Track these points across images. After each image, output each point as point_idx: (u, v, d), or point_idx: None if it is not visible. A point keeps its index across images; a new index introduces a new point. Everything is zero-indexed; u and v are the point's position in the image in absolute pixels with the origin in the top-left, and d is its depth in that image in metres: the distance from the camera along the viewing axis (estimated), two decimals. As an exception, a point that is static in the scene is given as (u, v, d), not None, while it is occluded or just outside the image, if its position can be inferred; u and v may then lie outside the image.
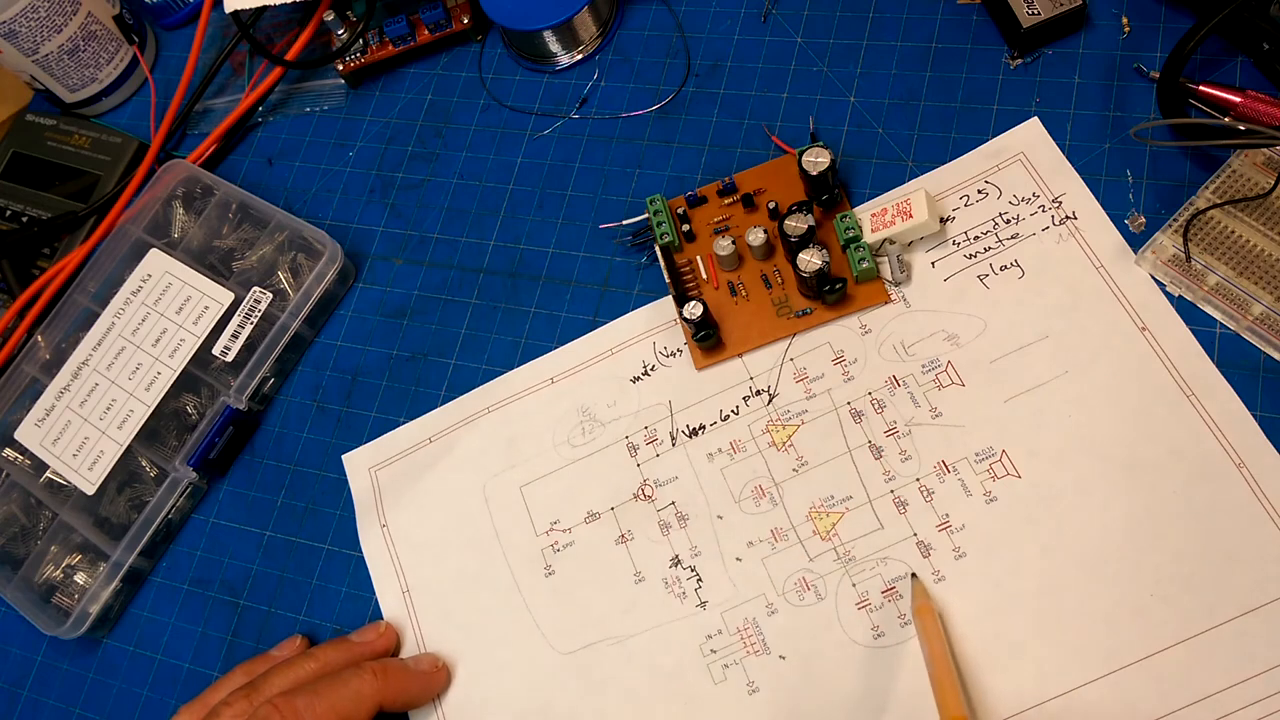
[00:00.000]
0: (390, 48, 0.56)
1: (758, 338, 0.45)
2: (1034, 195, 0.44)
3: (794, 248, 0.43)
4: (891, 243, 0.44)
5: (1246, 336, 0.40)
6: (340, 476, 0.49)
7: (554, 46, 0.54)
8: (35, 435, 0.51)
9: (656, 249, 0.46)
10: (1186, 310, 0.41)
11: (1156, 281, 0.41)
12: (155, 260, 0.53)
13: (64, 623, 0.47)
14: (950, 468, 0.41)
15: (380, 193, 0.54)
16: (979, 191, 0.45)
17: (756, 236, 0.45)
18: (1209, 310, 0.41)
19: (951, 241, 0.44)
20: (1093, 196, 0.43)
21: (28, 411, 0.52)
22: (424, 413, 0.48)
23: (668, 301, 0.47)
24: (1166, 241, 0.41)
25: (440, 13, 0.55)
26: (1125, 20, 0.46)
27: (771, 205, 0.46)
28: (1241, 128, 0.40)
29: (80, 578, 0.49)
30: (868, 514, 0.41)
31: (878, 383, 0.43)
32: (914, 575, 0.40)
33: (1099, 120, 0.45)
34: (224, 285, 0.51)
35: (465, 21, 0.55)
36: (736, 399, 0.45)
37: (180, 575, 0.49)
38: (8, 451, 0.52)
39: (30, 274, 0.56)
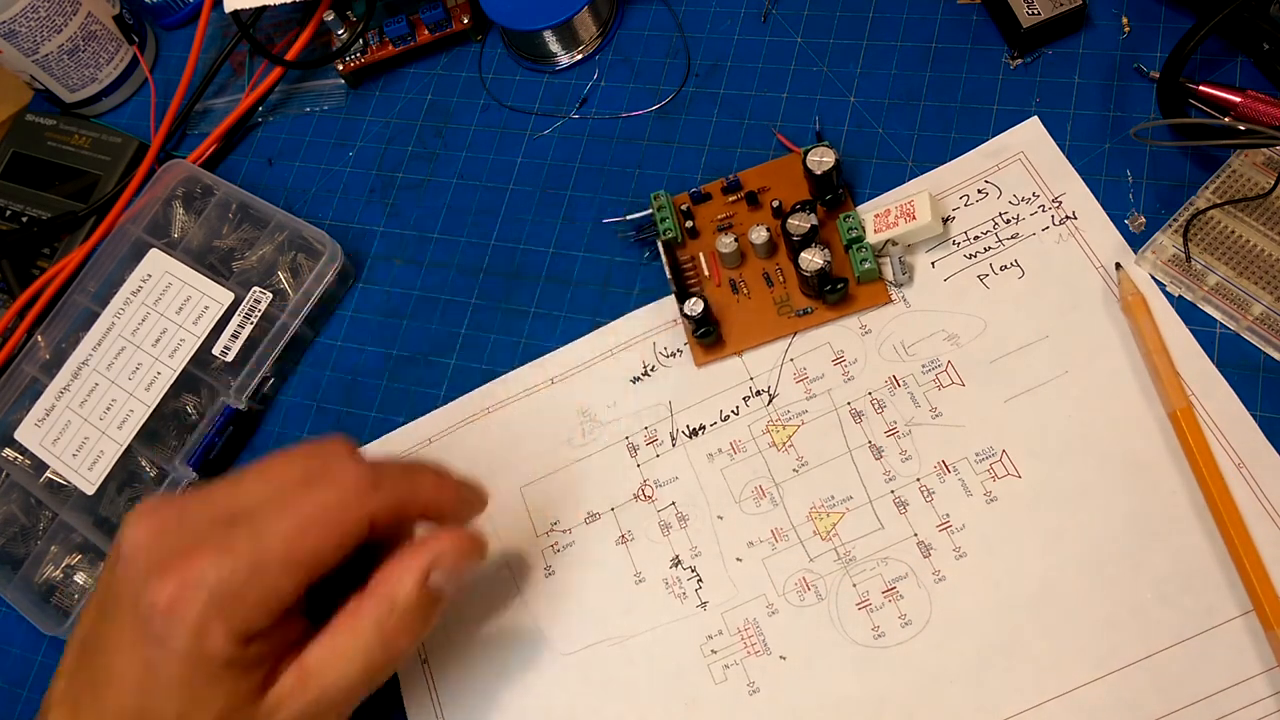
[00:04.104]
0: (390, 48, 0.56)
1: (758, 335, 0.45)
2: (1034, 195, 0.44)
3: (796, 247, 0.43)
4: (894, 244, 0.44)
5: (1246, 336, 0.40)
6: (340, 476, 0.49)
7: (554, 46, 0.54)
8: (35, 435, 0.51)
9: (659, 244, 0.46)
10: (1186, 310, 0.41)
11: (1156, 281, 0.41)
12: (155, 260, 0.53)
13: (64, 623, 0.47)
14: (950, 468, 0.41)
15: (380, 193, 0.54)
16: (979, 191, 0.45)
17: (759, 234, 0.45)
18: (1209, 310, 0.41)
19: (951, 241, 0.44)
20: (1093, 196, 0.43)
21: (28, 411, 0.52)
22: (424, 413, 0.48)
23: (668, 302, 0.47)
24: (1166, 241, 0.41)
25: (440, 13, 0.55)
26: (1125, 20, 0.46)
27: (775, 204, 0.46)
28: (1241, 128, 0.40)
29: (80, 578, 0.49)
30: (868, 514, 0.41)
31: (878, 383, 0.43)
32: (1119, 265, 0.41)
33: (1099, 120, 0.45)
34: (224, 285, 0.51)
35: (465, 21, 0.55)
36: (736, 399, 0.45)
37: (180, 575, 0.49)
38: (8, 451, 0.52)
39: (30, 274, 0.56)
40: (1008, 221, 0.44)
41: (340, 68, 0.57)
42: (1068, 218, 0.43)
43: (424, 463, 0.39)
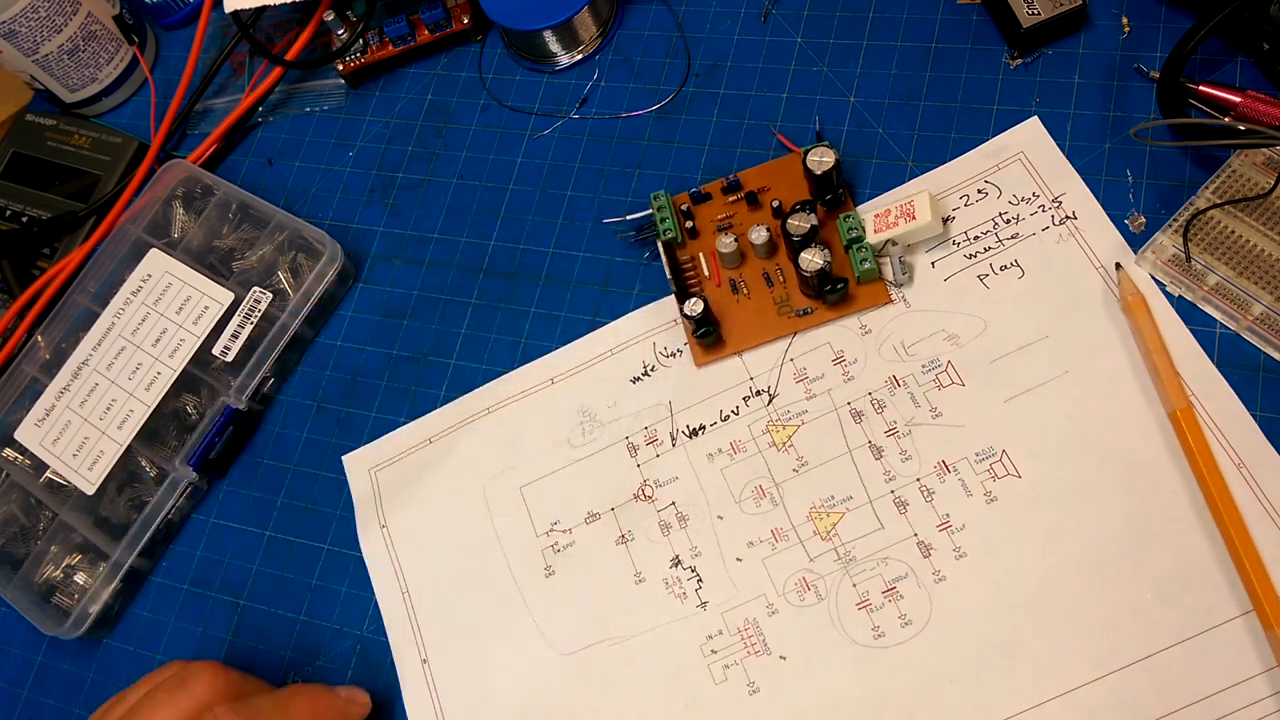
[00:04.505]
0: (390, 48, 0.56)
1: (758, 336, 0.45)
2: (1034, 195, 0.44)
3: (796, 247, 0.43)
4: (894, 244, 0.44)
5: (1246, 336, 0.40)
6: (340, 476, 0.49)
7: (554, 46, 0.54)
8: (35, 435, 0.51)
9: (659, 244, 0.46)
10: (1186, 310, 0.41)
11: (1156, 281, 0.41)
12: (155, 260, 0.53)
13: (64, 623, 0.47)
14: (950, 468, 0.41)
15: (380, 193, 0.54)
16: (979, 191, 0.45)
17: (759, 234, 0.45)
18: (1209, 310, 0.41)
19: (952, 241, 0.44)
20: (1093, 196, 0.43)
21: (28, 411, 0.52)
22: (424, 413, 0.48)
23: (668, 302, 0.47)
24: (1166, 241, 0.41)
25: (440, 13, 0.55)
26: (1125, 20, 0.46)
27: (775, 204, 0.46)
28: (1241, 128, 0.40)
29: (80, 578, 0.49)
30: (868, 514, 0.41)
31: (878, 383, 0.43)
32: (1119, 265, 0.41)
33: (1099, 120, 0.45)
34: (224, 285, 0.51)
35: (465, 21, 0.55)
36: (736, 399, 0.45)
37: (180, 575, 0.49)
38: (8, 451, 0.52)
39: (30, 274, 0.56)
40: (1008, 221, 0.44)
41: (340, 68, 0.57)
42: (1068, 218, 0.43)
43: (297, 690, 0.41)
